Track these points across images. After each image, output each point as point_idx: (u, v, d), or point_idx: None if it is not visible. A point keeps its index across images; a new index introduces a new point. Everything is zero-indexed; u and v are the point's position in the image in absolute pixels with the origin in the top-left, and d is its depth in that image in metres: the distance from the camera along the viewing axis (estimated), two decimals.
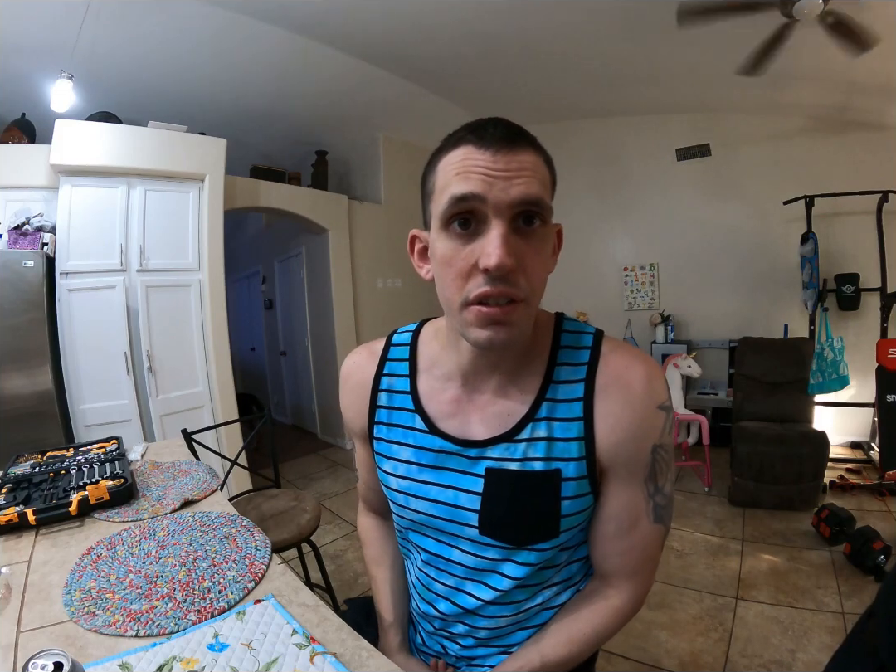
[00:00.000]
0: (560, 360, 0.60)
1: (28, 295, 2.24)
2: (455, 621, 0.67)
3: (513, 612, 0.64)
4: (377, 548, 0.81)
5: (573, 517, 0.59)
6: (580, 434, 0.58)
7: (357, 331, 4.16)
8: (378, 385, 0.69)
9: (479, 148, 0.49)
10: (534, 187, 0.49)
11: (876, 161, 3.12)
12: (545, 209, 0.51)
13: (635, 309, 4.14)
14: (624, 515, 0.60)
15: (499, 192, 0.48)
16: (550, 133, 4.18)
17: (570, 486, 0.58)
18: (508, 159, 0.49)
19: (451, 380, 0.64)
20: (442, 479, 0.63)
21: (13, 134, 2.59)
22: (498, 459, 0.60)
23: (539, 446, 0.58)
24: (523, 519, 0.59)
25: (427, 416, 0.64)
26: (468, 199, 0.48)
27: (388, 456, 0.68)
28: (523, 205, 0.49)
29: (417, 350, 0.69)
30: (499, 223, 0.48)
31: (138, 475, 1.27)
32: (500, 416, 0.60)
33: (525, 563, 0.61)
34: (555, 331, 0.62)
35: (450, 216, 0.50)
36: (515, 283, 0.50)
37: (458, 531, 0.63)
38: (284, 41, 2.71)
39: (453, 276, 0.51)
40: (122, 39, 2.50)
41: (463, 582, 0.65)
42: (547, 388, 0.59)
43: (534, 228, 0.51)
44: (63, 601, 0.72)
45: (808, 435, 2.57)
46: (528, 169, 0.49)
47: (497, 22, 2.58)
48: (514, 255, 0.48)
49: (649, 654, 1.59)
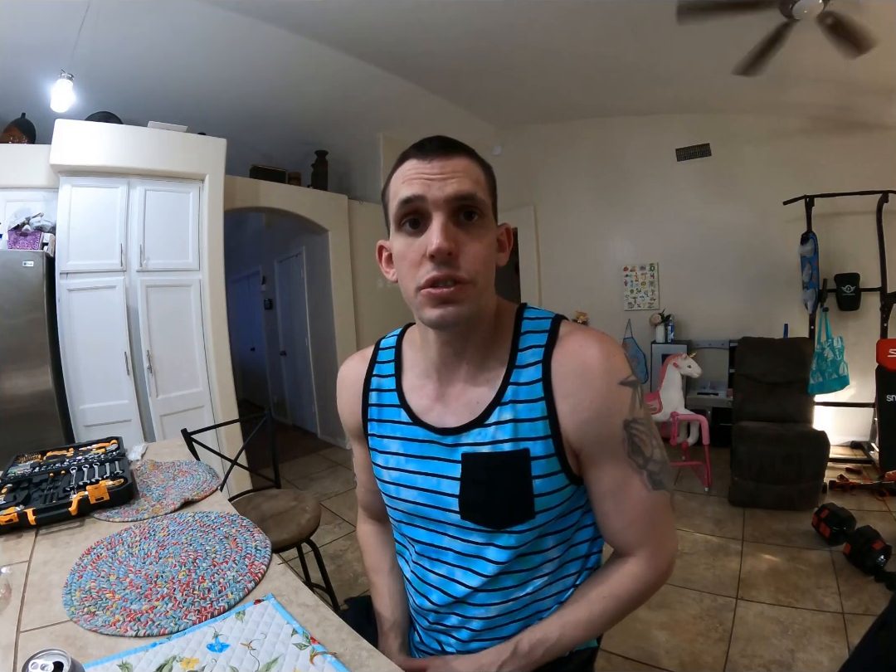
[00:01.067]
0: (521, 345, 0.64)
1: (28, 295, 2.24)
2: (448, 612, 0.69)
3: (502, 599, 0.66)
4: (376, 555, 0.83)
5: (547, 497, 0.61)
6: (543, 413, 0.61)
7: (357, 331, 4.16)
8: (369, 385, 0.75)
9: (420, 159, 0.58)
10: (465, 185, 0.57)
11: (876, 161, 3.11)
12: (479, 202, 0.58)
13: (635, 309, 4.14)
14: (615, 491, 0.62)
15: (436, 191, 0.56)
16: (550, 133, 4.23)
17: (540, 465, 0.61)
18: (443, 164, 0.57)
19: (429, 376, 0.69)
20: (426, 468, 0.67)
21: (13, 134, 2.59)
22: (472, 444, 0.63)
23: (506, 428, 0.61)
24: (499, 500, 0.62)
25: (411, 409, 0.69)
26: (412, 200, 0.57)
27: (380, 450, 0.73)
28: (458, 199, 0.56)
29: (402, 351, 0.75)
30: (438, 216, 0.56)
31: (138, 475, 1.27)
32: (470, 403, 0.64)
33: (506, 547, 0.63)
34: (517, 318, 0.67)
35: (400, 217, 0.59)
36: (458, 266, 0.56)
37: (442, 517, 0.66)
38: (284, 41, 2.71)
39: (407, 267, 0.59)
40: (122, 39, 2.50)
41: (453, 570, 0.67)
42: (511, 372, 0.63)
43: (473, 222, 0.58)
44: (63, 601, 0.72)
45: (808, 435, 2.57)
46: (461, 171, 0.57)
47: (497, 22, 2.58)
48: (453, 241, 0.56)
49: (649, 654, 1.59)
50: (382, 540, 0.85)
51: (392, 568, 0.81)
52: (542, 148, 4.36)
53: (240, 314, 6.16)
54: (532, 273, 4.52)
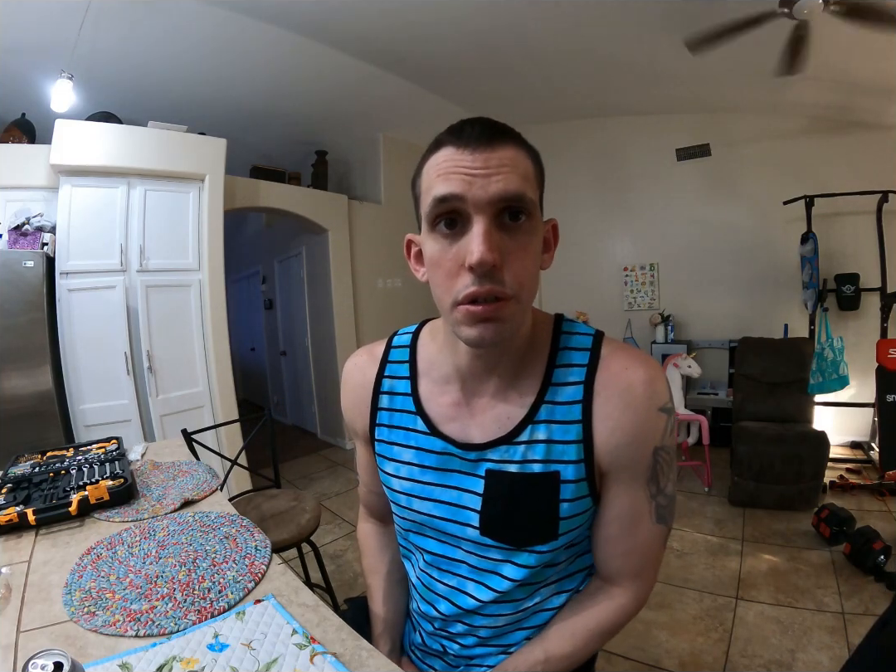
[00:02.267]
0: (559, 362, 0.60)
1: (28, 295, 2.24)
2: (455, 621, 0.68)
3: (511, 610, 0.65)
4: (374, 557, 0.82)
5: (572, 520, 0.59)
6: (579, 437, 0.57)
7: (357, 331, 4.16)
8: (379, 387, 0.69)
9: (458, 148, 0.50)
10: (513, 183, 0.49)
11: (876, 161, 3.11)
12: (528, 203, 0.50)
13: (635, 309, 4.14)
14: (626, 517, 0.60)
15: (478, 191, 0.48)
16: (550, 133, 4.23)
17: (569, 489, 0.58)
18: (487, 157, 0.49)
19: (450, 383, 0.64)
20: (445, 480, 0.64)
21: (13, 134, 2.59)
22: (498, 461, 0.60)
23: (538, 448, 0.58)
24: (523, 520, 0.59)
25: (428, 418, 0.65)
26: (448, 199, 0.49)
27: (389, 457, 0.68)
28: (503, 201, 0.49)
29: (417, 352, 0.69)
30: (480, 220, 0.49)
31: (138, 475, 1.27)
32: (499, 419, 0.61)
33: (525, 566, 0.61)
34: (554, 332, 0.62)
35: (434, 217, 0.51)
36: (501, 281, 0.50)
37: (459, 532, 0.63)
38: (284, 41, 2.71)
39: (443, 277, 0.52)
40: (122, 39, 2.50)
41: (464, 582, 0.66)
42: (546, 390, 0.59)
43: (520, 224, 0.51)
44: (63, 601, 0.72)
45: (807, 435, 2.57)
46: (508, 165, 0.49)
47: (497, 21, 2.58)
48: (497, 250, 0.49)
49: (649, 654, 1.59)
50: (382, 541, 0.83)
51: (389, 571, 0.79)
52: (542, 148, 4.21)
53: (240, 314, 6.16)
54: None
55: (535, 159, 0.55)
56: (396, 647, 0.75)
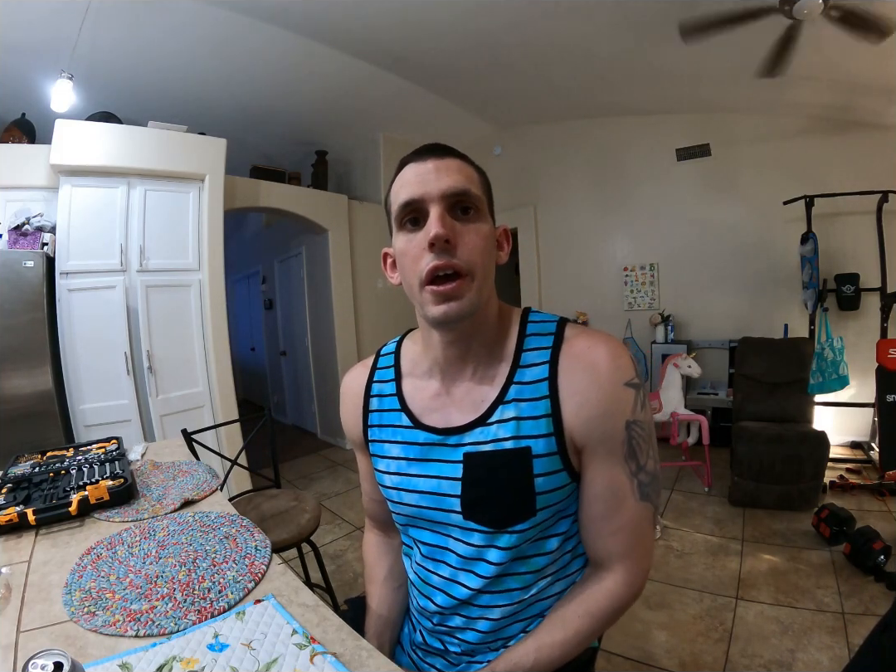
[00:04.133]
0: (526, 346, 0.65)
1: (28, 295, 2.24)
2: (452, 614, 0.69)
3: (507, 602, 0.66)
4: (372, 566, 0.85)
5: (548, 495, 0.62)
6: (547, 411, 0.61)
7: (357, 331, 4.16)
8: (370, 392, 0.76)
9: (417, 162, 0.61)
10: (459, 180, 0.60)
11: (876, 161, 3.11)
12: (473, 198, 0.60)
13: (635, 309, 4.14)
14: (608, 495, 0.62)
15: (432, 187, 0.59)
16: (550, 133, 4.23)
17: (542, 463, 0.61)
18: (438, 164, 0.60)
19: (432, 377, 0.69)
20: (427, 471, 0.67)
21: (13, 134, 2.59)
22: (474, 444, 0.64)
23: (509, 426, 0.62)
24: (501, 498, 0.62)
25: (411, 412, 0.70)
26: (411, 203, 0.60)
27: (381, 455, 0.73)
28: (453, 194, 0.59)
29: (401, 357, 0.75)
30: (435, 208, 0.59)
31: (138, 475, 1.27)
32: (475, 402, 0.65)
33: (506, 548, 0.63)
34: (521, 321, 0.68)
35: (402, 218, 0.61)
36: (456, 255, 0.58)
37: (445, 519, 0.66)
38: (284, 41, 2.71)
39: (409, 262, 0.61)
40: (122, 39, 2.50)
41: (456, 572, 0.68)
42: (514, 372, 0.64)
43: (469, 216, 0.61)
44: (63, 601, 0.72)
45: (807, 435, 2.56)
46: (454, 169, 0.60)
47: (497, 22, 2.58)
48: (450, 229, 0.58)
49: (649, 654, 1.58)
50: (382, 550, 0.86)
51: (386, 578, 0.82)
52: (541, 148, 4.36)
53: (240, 314, 6.16)
54: (532, 273, 4.52)
55: (480, 172, 0.65)
56: (385, 648, 0.76)
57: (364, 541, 0.90)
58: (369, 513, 0.87)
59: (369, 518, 0.89)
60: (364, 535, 0.91)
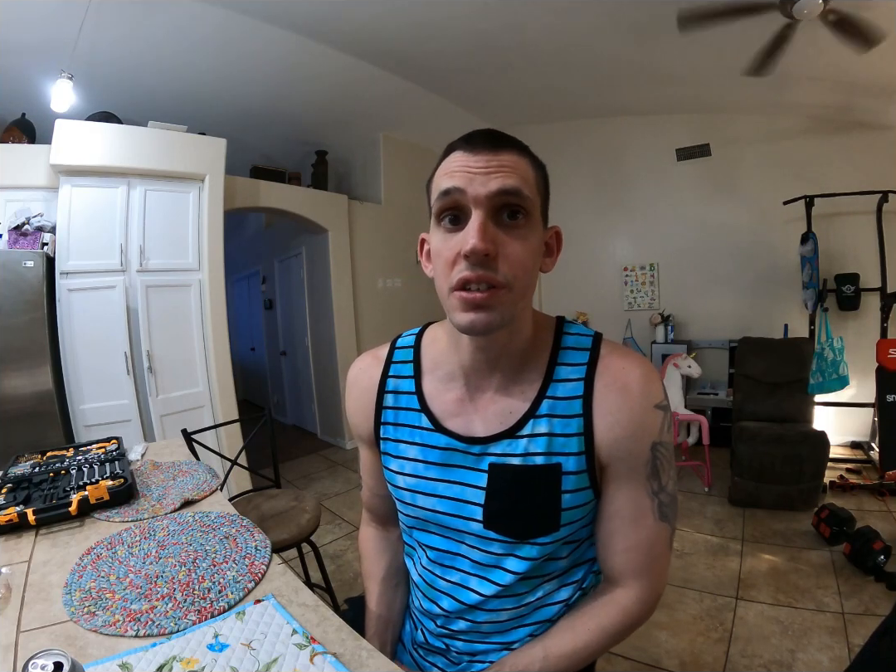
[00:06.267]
0: (560, 360, 0.63)
1: (28, 295, 2.24)
2: (457, 618, 0.68)
3: (514, 605, 0.65)
4: (372, 562, 0.83)
5: (573, 511, 0.61)
6: (579, 430, 0.60)
7: (357, 331, 4.16)
8: (384, 387, 0.71)
9: (466, 151, 0.54)
10: (511, 180, 0.53)
11: (876, 161, 3.12)
12: (525, 200, 0.54)
13: (635, 309, 4.14)
14: (627, 511, 0.62)
15: (478, 186, 0.52)
16: (550, 133, 4.23)
17: (571, 480, 0.60)
18: (489, 158, 0.53)
19: (454, 380, 0.66)
20: (448, 476, 0.65)
21: (13, 134, 2.59)
22: (501, 455, 0.62)
23: (540, 441, 0.60)
24: (526, 512, 0.61)
25: (433, 414, 0.66)
26: (450, 192, 0.53)
27: (394, 455, 0.70)
28: (501, 196, 0.53)
29: (421, 352, 0.71)
30: (478, 213, 0.53)
31: (138, 475, 1.27)
32: (502, 413, 0.63)
33: (527, 558, 0.62)
34: (556, 333, 0.65)
35: (439, 211, 0.56)
36: (494, 269, 0.53)
37: (463, 526, 0.64)
38: (284, 41, 2.71)
39: (442, 266, 0.56)
40: (123, 39, 2.50)
41: (467, 578, 0.66)
42: (548, 386, 0.62)
43: (517, 222, 0.54)
44: (63, 601, 0.72)
45: (807, 435, 2.56)
46: (508, 166, 0.53)
47: (497, 21, 2.58)
48: (491, 242, 0.52)
49: (649, 654, 1.59)
50: (380, 546, 0.84)
51: (385, 576, 0.80)
52: (541, 148, 4.29)
53: (240, 314, 6.16)
54: None
55: (539, 168, 0.58)
56: (387, 649, 0.75)
57: (361, 533, 0.87)
58: (369, 507, 0.85)
59: (368, 511, 0.86)
60: (361, 528, 0.88)
